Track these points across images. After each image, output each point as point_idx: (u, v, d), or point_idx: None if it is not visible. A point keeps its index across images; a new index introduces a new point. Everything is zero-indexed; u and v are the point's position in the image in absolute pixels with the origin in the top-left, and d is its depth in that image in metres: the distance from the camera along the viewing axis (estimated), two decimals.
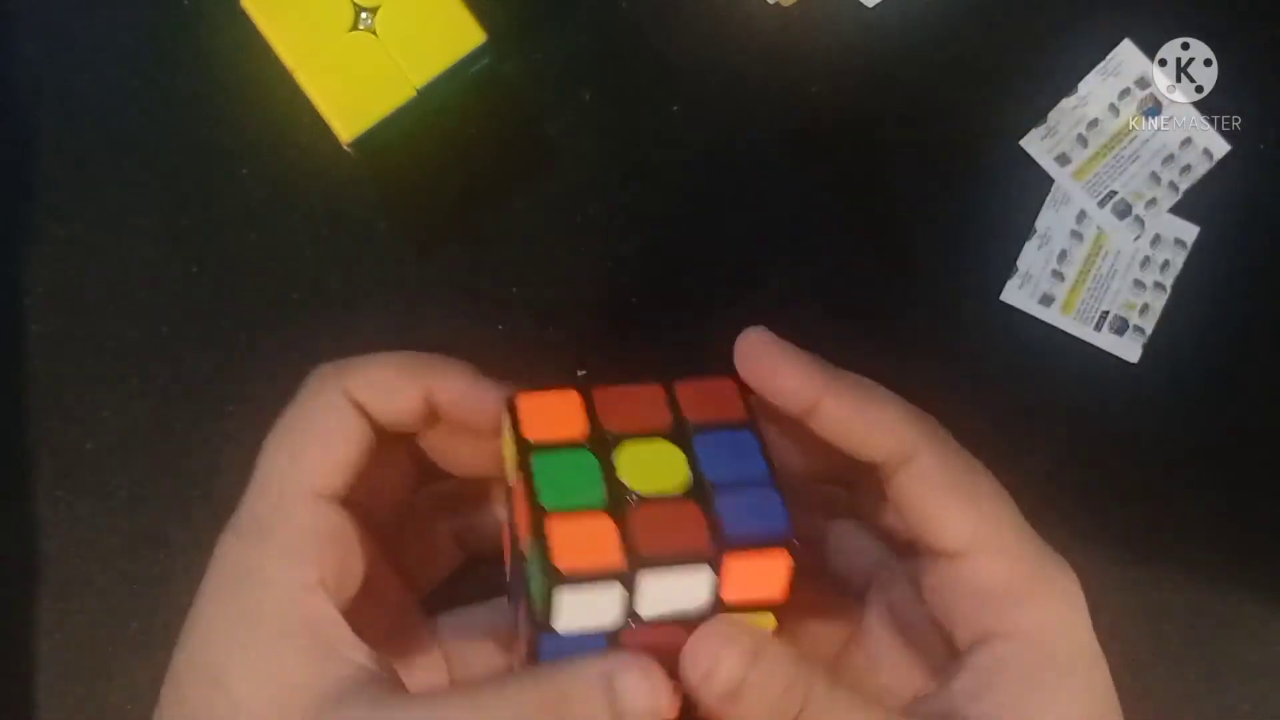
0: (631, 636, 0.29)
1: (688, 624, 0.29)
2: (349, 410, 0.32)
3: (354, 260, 0.46)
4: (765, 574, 0.29)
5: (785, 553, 0.29)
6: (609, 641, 0.29)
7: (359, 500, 0.32)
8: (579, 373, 0.46)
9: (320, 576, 0.30)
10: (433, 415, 0.33)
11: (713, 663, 0.28)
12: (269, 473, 0.31)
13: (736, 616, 0.29)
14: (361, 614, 0.31)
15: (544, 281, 0.46)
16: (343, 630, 0.29)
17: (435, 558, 0.36)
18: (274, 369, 0.45)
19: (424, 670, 0.35)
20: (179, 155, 0.46)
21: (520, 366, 0.45)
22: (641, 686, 0.28)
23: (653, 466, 0.30)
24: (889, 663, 0.34)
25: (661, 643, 0.29)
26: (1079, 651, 0.31)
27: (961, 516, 0.31)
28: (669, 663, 0.29)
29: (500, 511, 0.36)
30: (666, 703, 0.28)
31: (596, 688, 0.28)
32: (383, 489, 0.34)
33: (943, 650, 0.33)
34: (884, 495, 0.33)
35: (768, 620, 0.30)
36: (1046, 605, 0.31)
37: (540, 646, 0.29)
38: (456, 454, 0.35)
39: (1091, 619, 0.47)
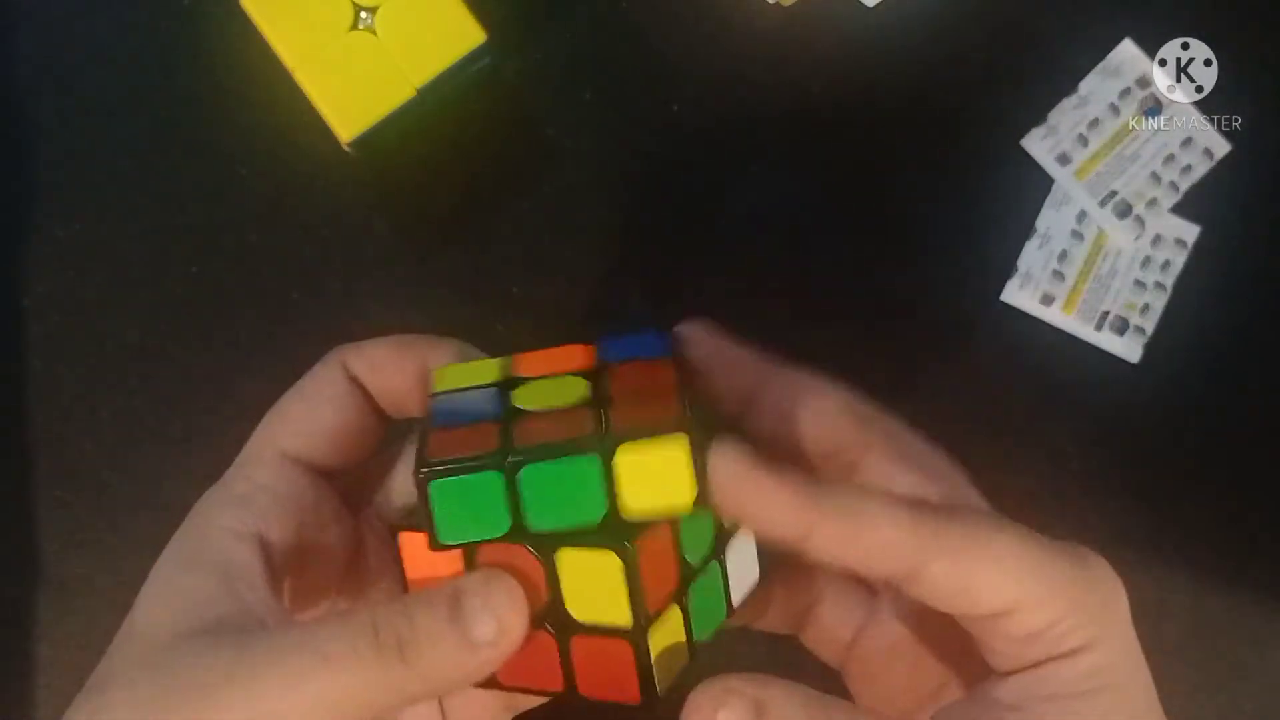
0: (486, 557, 0.28)
1: (536, 551, 0.27)
2: (342, 383, 0.32)
3: (354, 260, 0.46)
4: (664, 464, 0.26)
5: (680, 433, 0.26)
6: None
7: (347, 477, 0.33)
8: None
9: (259, 530, 0.30)
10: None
11: (705, 702, 0.26)
12: (252, 437, 0.32)
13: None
14: (311, 576, 0.31)
15: (544, 281, 0.46)
16: (252, 578, 0.29)
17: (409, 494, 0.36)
18: (274, 369, 0.45)
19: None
20: (179, 155, 0.46)
21: None
22: (481, 603, 0.27)
23: (552, 392, 0.28)
24: (897, 670, 0.33)
25: (518, 567, 0.27)
26: (1122, 660, 0.29)
27: (993, 582, 0.28)
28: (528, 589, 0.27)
29: None
30: (518, 622, 0.27)
31: (443, 603, 0.27)
32: (386, 483, 0.34)
33: (956, 659, 0.32)
34: None
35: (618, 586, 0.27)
36: (1092, 621, 0.29)
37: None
38: None
39: None
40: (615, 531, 0.27)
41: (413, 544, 0.29)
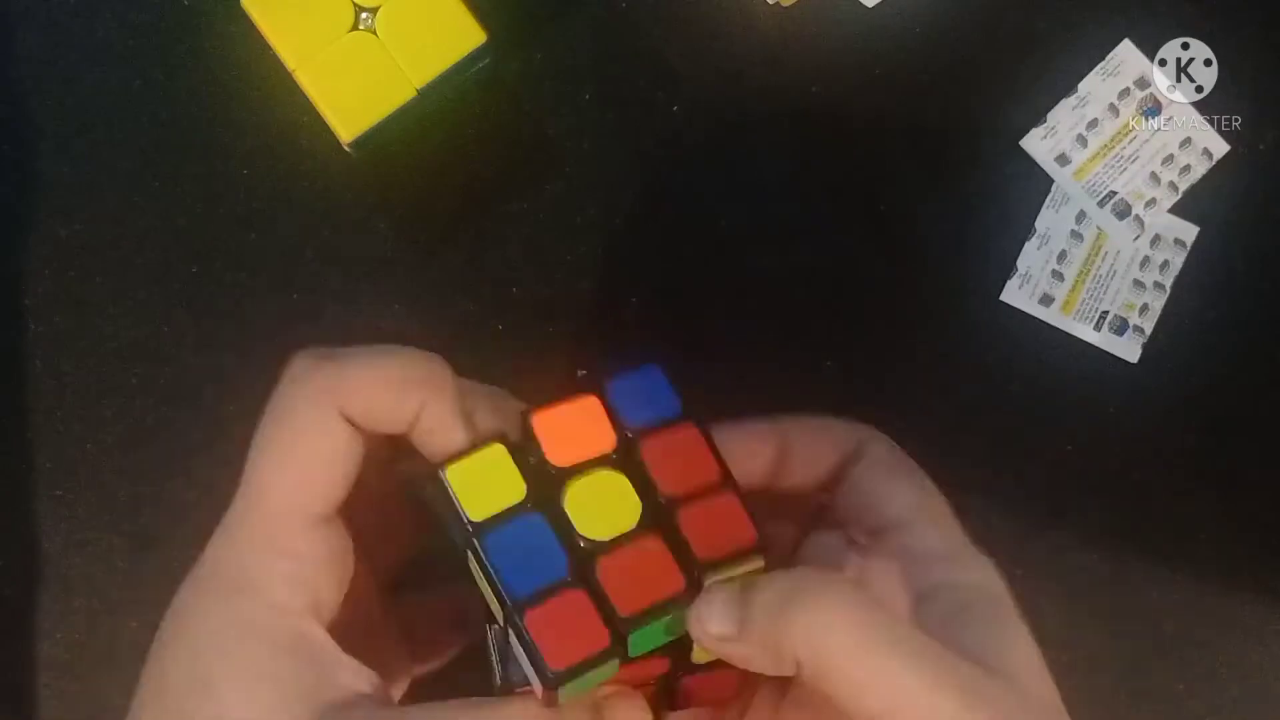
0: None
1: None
2: (346, 431, 0.31)
3: (354, 260, 0.46)
4: (722, 515, 0.29)
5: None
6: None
7: (347, 507, 0.32)
8: (579, 372, 0.46)
9: (315, 602, 0.30)
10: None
11: (704, 613, 0.28)
12: (267, 485, 0.31)
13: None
14: (341, 620, 0.31)
15: (544, 281, 0.46)
16: (336, 653, 0.29)
17: (398, 542, 0.36)
18: (274, 369, 0.45)
19: (390, 660, 0.35)
20: (179, 155, 0.46)
21: (520, 366, 0.46)
22: (625, 712, 0.28)
23: (603, 507, 0.29)
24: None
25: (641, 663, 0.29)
26: (1012, 606, 0.32)
27: (907, 493, 0.33)
28: (649, 669, 0.29)
29: None
30: None
31: (586, 714, 0.28)
32: (366, 489, 0.34)
33: None
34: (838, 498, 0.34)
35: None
36: (981, 567, 0.32)
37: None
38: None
39: (1091, 620, 0.47)
40: None
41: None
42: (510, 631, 0.28)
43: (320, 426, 0.31)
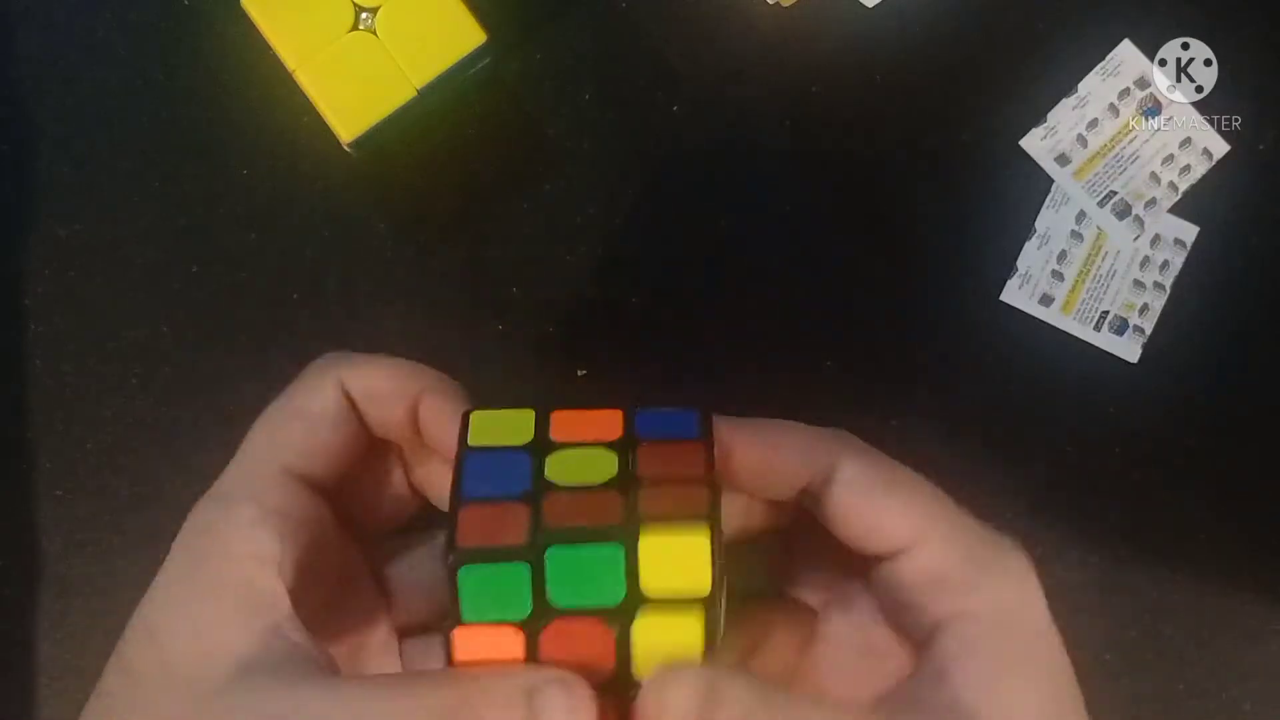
0: (550, 637, 0.28)
1: (607, 619, 0.28)
2: (339, 399, 0.32)
3: (354, 260, 0.46)
4: (686, 552, 0.27)
5: (706, 529, 0.27)
6: (527, 650, 0.28)
7: (343, 495, 0.33)
8: (579, 372, 0.46)
9: (276, 554, 0.29)
10: (417, 430, 0.33)
11: (660, 709, 0.26)
12: (249, 446, 0.32)
13: (681, 663, 0.27)
14: (314, 596, 0.31)
15: (544, 281, 0.46)
16: (284, 607, 0.29)
17: (393, 506, 0.36)
18: (274, 369, 0.45)
19: (378, 651, 0.35)
20: (179, 155, 0.46)
21: (520, 366, 0.46)
22: (561, 704, 0.26)
23: (582, 466, 0.29)
24: (845, 673, 0.33)
25: (583, 644, 0.28)
26: (1037, 629, 0.30)
27: (897, 514, 0.30)
28: (592, 664, 0.28)
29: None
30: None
31: (516, 700, 0.26)
32: (371, 496, 0.34)
33: (900, 658, 0.32)
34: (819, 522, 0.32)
35: (695, 631, 0.28)
36: (999, 586, 0.30)
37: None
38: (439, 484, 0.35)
39: (1091, 620, 0.47)
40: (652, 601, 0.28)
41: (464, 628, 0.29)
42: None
43: (312, 389, 0.32)
